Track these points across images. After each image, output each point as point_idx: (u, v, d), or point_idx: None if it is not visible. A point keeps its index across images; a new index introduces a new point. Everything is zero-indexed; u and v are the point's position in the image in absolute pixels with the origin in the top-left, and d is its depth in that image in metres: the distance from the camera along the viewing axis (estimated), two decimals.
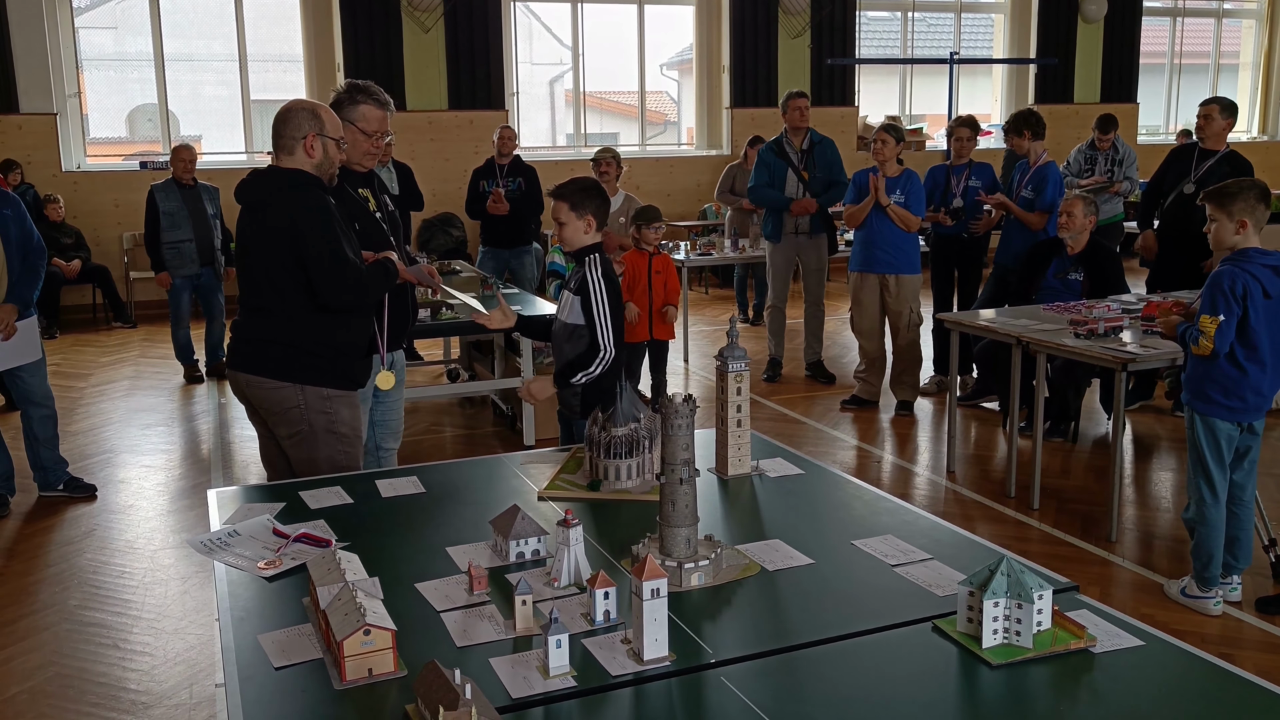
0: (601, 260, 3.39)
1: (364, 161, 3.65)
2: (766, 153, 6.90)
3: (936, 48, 13.92)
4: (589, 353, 3.32)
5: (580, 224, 3.38)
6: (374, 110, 3.59)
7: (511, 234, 7.53)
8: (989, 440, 5.83)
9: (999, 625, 1.85)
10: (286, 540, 2.34)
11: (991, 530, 4.50)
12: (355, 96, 3.58)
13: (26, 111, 9.94)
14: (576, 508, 2.56)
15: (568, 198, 3.39)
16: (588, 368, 3.32)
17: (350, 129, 3.49)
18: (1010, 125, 6.39)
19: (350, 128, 3.50)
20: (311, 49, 11.00)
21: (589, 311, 3.32)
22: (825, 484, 2.78)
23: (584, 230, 3.39)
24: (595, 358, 3.31)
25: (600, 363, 3.32)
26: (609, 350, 3.32)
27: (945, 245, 6.71)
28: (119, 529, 4.68)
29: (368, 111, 3.57)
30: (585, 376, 3.33)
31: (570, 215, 3.38)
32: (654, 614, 1.80)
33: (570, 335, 3.39)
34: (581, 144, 12.15)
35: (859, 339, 6.50)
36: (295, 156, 3.17)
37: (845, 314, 7.87)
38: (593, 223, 3.39)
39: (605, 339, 3.31)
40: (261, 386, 3.16)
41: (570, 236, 3.41)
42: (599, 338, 3.31)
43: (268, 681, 1.78)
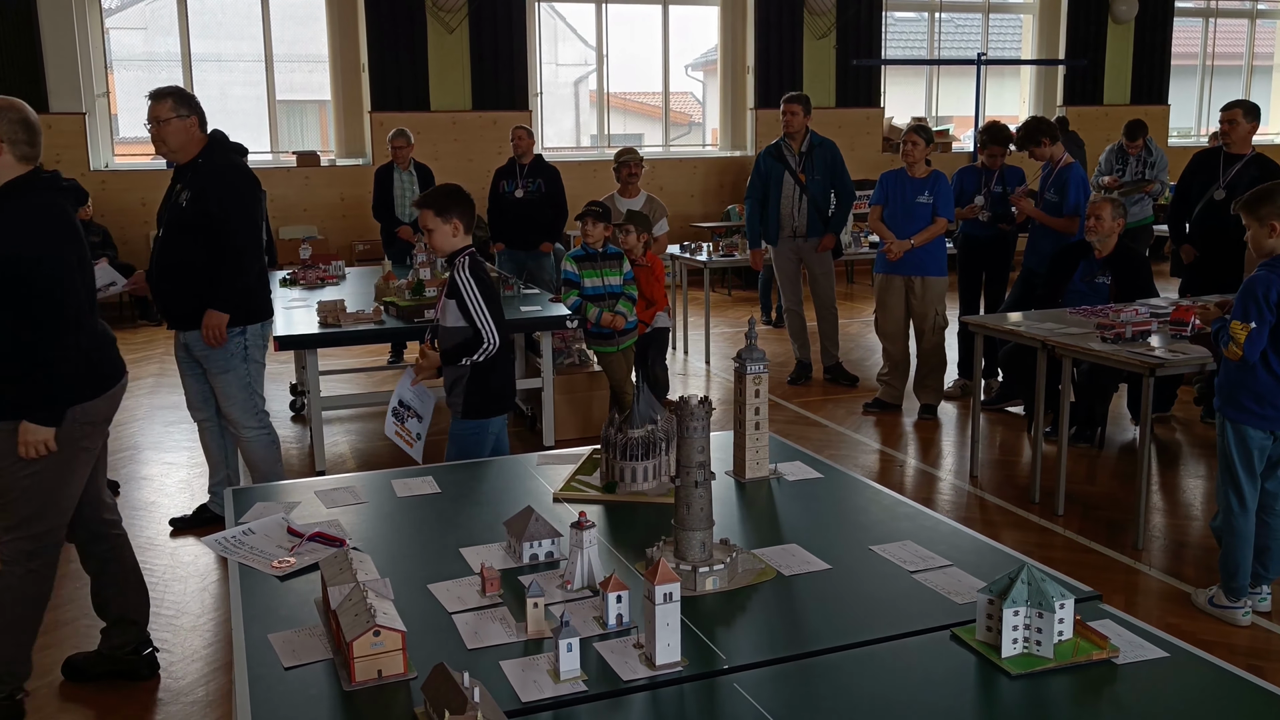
0: (470, 261, 3.51)
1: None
2: (764, 157, 6.88)
3: (964, 48, 13.82)
4: (474, 340, 3.48)
5: (447, 229, 3.51)
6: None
7: (530, 236, 7.53)
8: (1013, 445, 5.76)
9: (1019, 634, 1.82)
10: (300, 539, 2.34)
11: (1015, 537, 4.45)
12: None
13: (56, 111, 10.04)
14: (592, 509, 2.54)
15: (432, 204, 3.53)
16: (472, 352, 3.48)
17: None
18: (1023, 140, 6.19)
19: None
20: (337, 49, 11.05)
21: (466, 311, 3.47)
22: (844, 488, 2.75)
23: (451, 234, 3.53)
24: (480, 345, 3.47)
25: (485, 349, 3.47)
26: (494, 340, 3.48)
27: (973, 247, 6.65)
28: (140, 525, 4.70)
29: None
30: (470, 359, 3.49)
31: (436, 221, 3.50)
32: (666, 618, 1.77)
33: (453, 339, 3.53)
34: (605, 145, 12.15)
35: (883, 341, 6.45)
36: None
37: (869, 316, 7.81)
38: (459, 226, 3.53)
39: (489, 330, 3.47)
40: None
41: (440, 242, 3.54)
42: (482, 330, 3.46)
43: (277, 681, 1.77)
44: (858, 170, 8.68)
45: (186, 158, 4.17)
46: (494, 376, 3.60)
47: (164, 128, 4.07)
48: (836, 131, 10.17)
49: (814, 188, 6.78)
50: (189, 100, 4.14)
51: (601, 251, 5.51)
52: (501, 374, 3.68)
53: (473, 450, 3.62)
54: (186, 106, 4.11)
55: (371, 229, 9.69)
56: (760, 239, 6.99)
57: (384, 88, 10.81)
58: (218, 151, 4.22)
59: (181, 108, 4.09)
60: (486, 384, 3.59)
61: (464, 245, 3.54)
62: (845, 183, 6.89)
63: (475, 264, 3.53)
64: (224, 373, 4.28)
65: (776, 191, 6.82)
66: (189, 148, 4.15)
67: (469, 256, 3.52)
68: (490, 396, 3.63)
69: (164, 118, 4.06)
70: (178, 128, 4.08)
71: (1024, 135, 6.20)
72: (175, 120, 4.07)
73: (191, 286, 4.18)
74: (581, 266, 5.50)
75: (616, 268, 5.50)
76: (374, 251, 10.19)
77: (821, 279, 6.97)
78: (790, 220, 6.83)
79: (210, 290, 4.18)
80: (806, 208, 6.80)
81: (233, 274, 4.19)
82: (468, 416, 3.61)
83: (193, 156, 4.17)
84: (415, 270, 6.16)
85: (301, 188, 10.78)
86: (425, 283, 5.68)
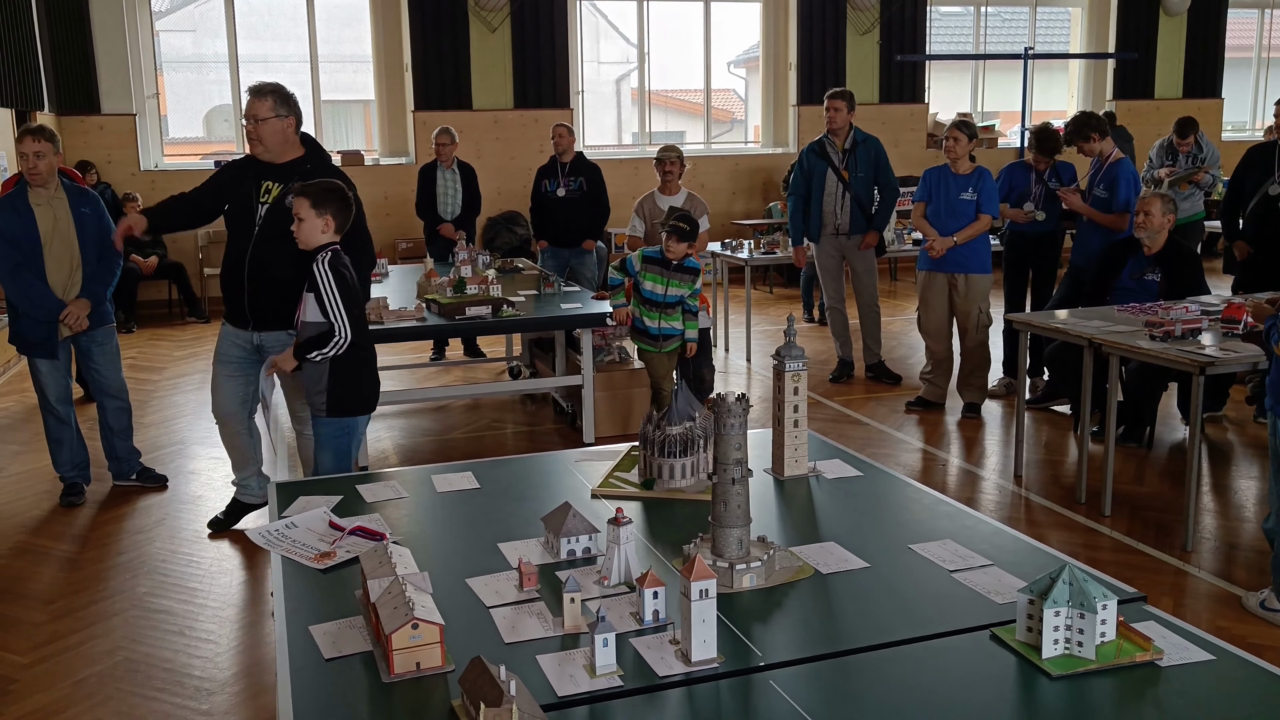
0: (332, 258, 3.48)
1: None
2: (807, 154, 6.85)
3: (1010, 43, 13.63)
4: (328, 333, 3.45)
5: (319, 222, 3.48)
6: None
7: (572, 233, 7.55)
8: (1059, 445, 5.68)
9: (1060, 635, 1.79)
10: (342, 533, 2.37)
11: (1060, 537, 4.39)
12: None
13: (108, 112, 10.24)
14: (630, 506, 2.55)
15: (310, 195, 3.49)
16: (323, 346, 3.45)
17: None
18: (1071, 136, 6.10)
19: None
20: (380, 49, 11.16)
21: (322, 305, 3.44)
22: (884, 486, 2.73)
23: (321, 229, 3.49)
24: (331, 339, 3.44)
25: (336, 344, 3.45)
26: (345, 334, 3.45)
27: (1021, 244, 6.56)
28: (188, 519, 4.79)
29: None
30: (320, 354, 3.46)
31: (310, 212, 3.47)
32: (702, 615, 1.77)
33: (313, 334, 3.50)
34: (646, 142, 12.15)
35: (925, 339, 6.39)
36: None
37: (912, 314, 7.74)
38: (331, 223, 3.49)
39: (341, 324, 3.44)
40: None
41: (306, 234, 3.50)
42: (334, 323, 3.44)
43: (318, 672, 1.80)
44: (901, 167, 8.60)
45: (281, 159, 4.09)
46: (360, 374, 3.57)
47: (262, 126, 4.00)
48: (880, 128, 10.09)
49: (857, 185, 6.74)
50: (289, 100, 4.06)
51: (677, 263, 5.20)
52: (369, 372, 3.64)
53: (345, 449, 3.60)
54: (286, 106, 4.03)
55: (414, 227, 9.77)
56: (803, 236, 6.96)
57: (427, 87, 10.89)
58: (323, 155, 4.22)
59: (281, 107, 4.01)
60: (351, 382, 3.55)
61: (330, 242, 3.50)
62: (889, 179, 6.84)
63: (336, 261, 3.49)
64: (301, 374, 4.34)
65: (819, 188, 6.79)
66: (284, 149, 4.09)
67: (331, 253, 3.49)
68: (356, 395, 3.59)
69: (263, 116, 3.99)
70: (276, 128, 4.01)
71: (1072, 130, 6.11)
72: (274, 120, 4.00)
73: (285, 291, 4.11)
74: (647, 267, 5.24)
75: (688, 282, 5.19)
76: (416, 249, 10.28)
77: (864, 276, 6.93)
78: (833, 217, 6.79)
79: None
80: (849, 205, 6.75)
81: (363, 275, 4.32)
82: (333, 415, 3.56)
83: (289, 158, 4.11)
84: (457, 268, 6.22)
85: None
86: (467, 280, 5.73)
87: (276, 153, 4.10)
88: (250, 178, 4.15)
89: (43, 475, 5.38)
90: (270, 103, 4.00)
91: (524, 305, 5.70)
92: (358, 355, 3.55)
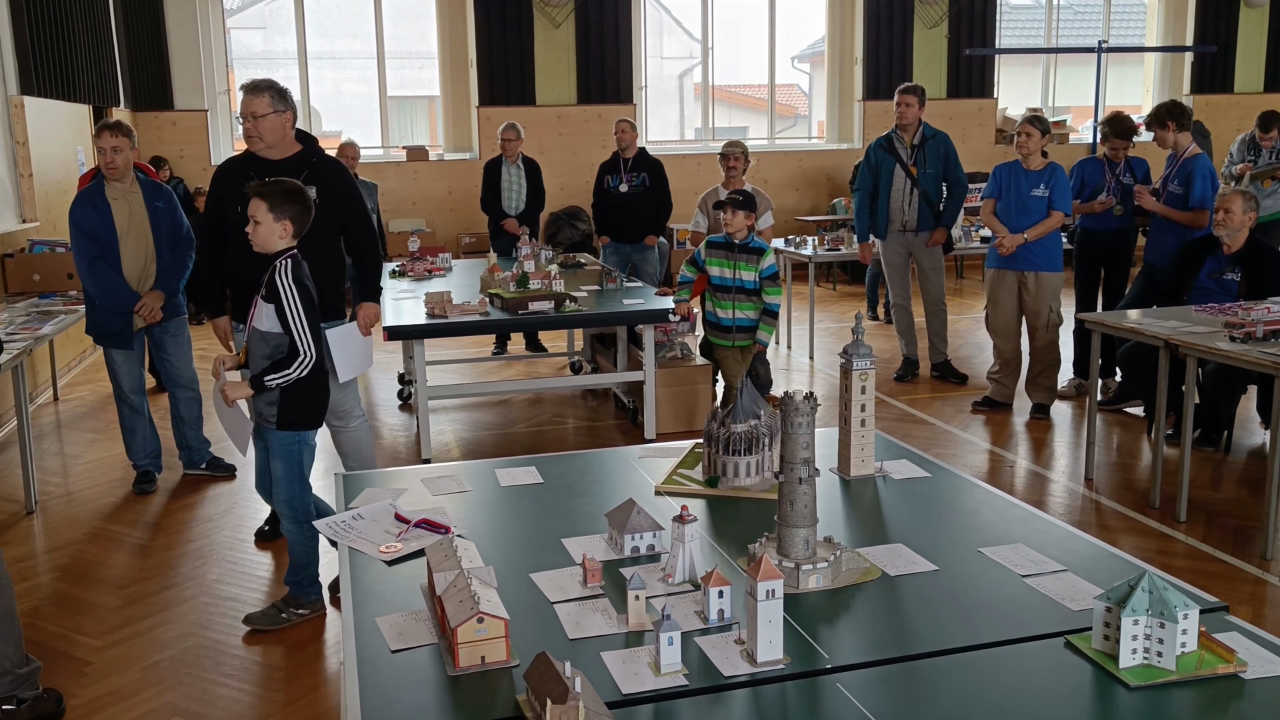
0: (293, 266, 3.37)
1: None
2: (874, 149, 6.75)
3: (1083, 36, 13.33)
4: (289, 355, 3.33)
5: (276, 226, 3.36)
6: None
7: (634, 229, 7.54)
8: (1132, 448, 5.54)
9: (1139, 644, 1.74)
10: (407, 525, 2.38)
11: (1133, 543, 4.28)
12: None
13: (181, 108, 10.48)
14: (693, 504, 2.53)
15: (268, 198, 3.36)
16: (286, 369, 3.33)
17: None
18: (1153, 117, 6.00)
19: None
20: (446, 45, 11.26)
21: (283, 318, 3.32)
22: (952, 488, 2.67)
23: (279, 234, 3.38)
24: (295, 360, 3.32)
25: (300, 365, 3.33)
26: (309, 354, 3.34)
27: (1093, 242, 6.41)
28: (256, 508, 4.87)
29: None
30: (282, 379, 3.34)
31: (267, 215, 3.35)
32: (769, 615, 1.75)
33: (268, 343, 3.37)
34: (709, 138, 12.10)
35: (994, 338, 6.27)
36: None
37: (979, 313, 7.61)
38: (289, 228, 3.38)
39: (304, 344, 3.33)
40: None
41: (263, 238, 3.38)
42: (298, 343, 3.32)
43: (385, 663, 1.81)
44: (969, 163, 8.45)
45: (281, 154, 4.13)
46: (315, 391, 3.49)
47: (261, 123, 4.02)
48: (948, 123, 9.94)
49: (925, 181, 6.64)
50: (285, 95, 4.09)
51: (740, 243, 5.15)
52: (322, 387, 3.55)
53: (297, 458, 3.53)
54: (283, 102, 4.06)
55: (478, 222, 9.85)
56: (869, 233, 6.87)
57: (491, 83, 10.97)
58: (320, 149, 4.25)
59: (279, 103, 4.04)
60: (304, 398, 3.46)
61: (288, 247, 3.40)
62: (959, 176, 6.73)
63: (298, 269, 3.38)
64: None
65: (886, 184, 6.70)
66: (284, 144, 4.12)
67: (291, 259, 3.38)
68: (307, 411, 3.51)
69: (261, 113, 4.01)
70: (274, 123, 4.04)
71: (1152, 115, 5.98)
72: (273, 115, 4.03)
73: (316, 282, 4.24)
74: (711, 253, 5.21)
75: (753, 263, 5.12)
76: (480, 244, 10.37)
77: (931, 274, 6.83)
78: (900, 214, 6.70)
79: (365, 282, 4.34)
80: (917, 201, 6.66)
81: (379, 264, 4.37)
82: (283, 428, 3.48)
83: (289, 153, 4.14)
84: (520, 263, 6.25)
85: (410, 182, 11.02)
86: (530, 275, 5.75)
87: (277, 148, 4.13)
88: (253, 177, 4.13)
89: (116, 463, 5.52)
90: (268, 99, 4.02)
91: (586, 301, 5.71)
92: (316, 370, 3.44)
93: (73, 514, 4.89)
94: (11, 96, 7.21)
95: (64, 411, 6.72)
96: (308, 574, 3.73)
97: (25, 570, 4.25)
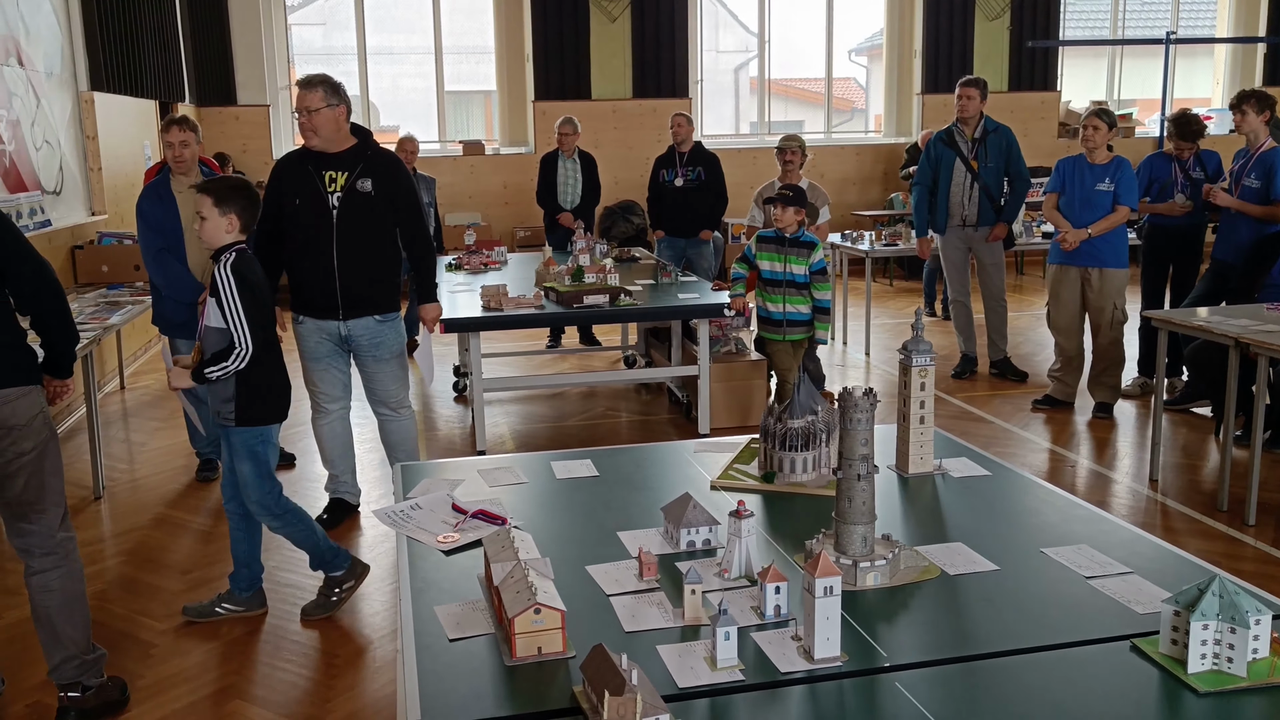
0: (237, 259, 3.35)
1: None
2: (934, 143, 6.66)
3: (1151, 27, 13.03)
4: (227, 348, 3.32)
5: (223, 221, 3.36)
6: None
7: (689, 223, 7.52)
8: (1199, 449, 5.41)
9: (1208, 650, 1.69)
10: (464, 516, 2.40)
11: (1199, 546, 4.18)
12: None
13: (244, 104, 10.66)
14: (750, 499, 2.51)
15: (213, 193, 3.36)
16: (224, 362, 3.33)
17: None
18: (1236, 99, 5.81)
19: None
20: (503, 40, 11.32)
21: (223, 311, 3.31)
22: (1013, 487, 2.63)
23: (225, 229, 3.37)
24: (232, 353, 3.31)
25: (236, 358, 3.32)
26: (246, 346, 3.32)
27: (1161, 238, 6.26)
28: (315, 497, 4.95)
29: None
30: (220, 371, 3.33)
31: (213, 211, 3.35)
32: (826, 612, 1.73)
33: (219, 339, 3.37)
34: (765, 132, 12.04)
35: (1055, 336, 6.16)
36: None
37: (1040, 309, 7.48)
38: (235, 222, 3.37)
39: (240, 336, 3.31)
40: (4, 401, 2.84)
41: (210, 233, 3.37)
42: (234, 335, 3.31)
43: (443, 651, 1.82)
44: (1031, 157, 8.31)
45: (336, 147, 4.18)
46: (268, 384, 3.47)
47: (315, 117, 4.08)
48: (1009, 116, 9.76)
49: (987, 175, 6.54)
50: (338, 89, 4.15)
51: (791, 237, 5.12)
52: (278, 381, 3.52)
53: (263, 456, 3.51)
54: (336, 95, 4.12)
55: (533, 216, 9.91)
56: (928, 228, 6.79)
57: (547, 77, 11.02)
58: (375, 142, 4.30)
59: (332, 97, 4.09)
60: (258, 392, 3.44)
61: (234, 242, 3.39)
62: (1021, 170, 6.62)
63: (241, 261, 3.37)
64: (393, 359, 4.43)
65: (946, 179, 6.61)
66: (338, 138, 4.18)
67: (235, 253, 3.37)
68: (263, 405, 3.48)
69: (315, 107, 4.07)
70: (328, 117, 4.10)
71: (1236, 98, 5.79)
72: (326, 110, 4.08)
73: (373, 273, 4.28)
74: (762, 247, 5.18)
75: (804, 256, 5.07)
76: (535, 238, 10.42)
77: (991, 270, 6.72)
78: (960, 209, 6.61)
79: (424, 280, 4.42)
80: (978, 196, 6.56)
81: (433, 261, 4.42)
82: (243, 424, 3.46)
83: (344, 146, 4.20)
84: (575, 256, 6.26)
85: (467, 176, 11.11)
86: (585, 269, 5.76)
87: (332, 142, 4.17)
88: (311, 170, 4.22)
89: (180, 451, 5.64)
90: (321, 93, 4.08)
91: (641, 295, 5.71)
92: (265, 364, 3.43)
93: (138, 500, 5.01)
94: (82, 92, 7.39)
95: (130, 400, 6.88)
96: (326, 552, 3.74)
97: (93, 554, 4.36)
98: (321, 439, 4.61)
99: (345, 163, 4.21)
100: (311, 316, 4.37)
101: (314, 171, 4.21)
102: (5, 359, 2.85)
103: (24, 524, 2.95)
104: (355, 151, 4.22)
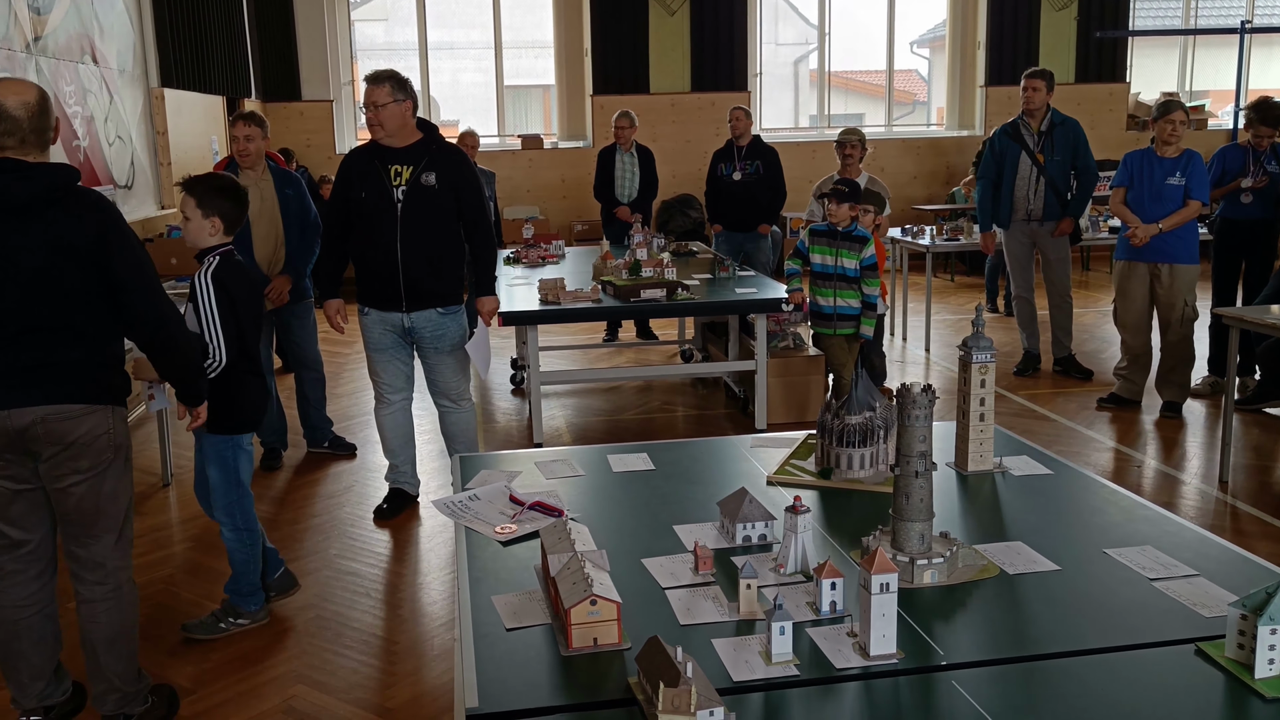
0: (221, 264, 3.27)
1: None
2: (999, 136, 6.55)
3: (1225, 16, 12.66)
4: (201, 355, 3.22)
5: (206, 224, 3.28)
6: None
7: (747, 217, 7.49)
8: (1271, 450, 5.26)
9: (1276, 654, 1.66)
10: (521, 507, 2.43)
11: (1271, 549, 4.07)
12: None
13: (308, 99, 10.84)
14: (806, 495, 2.51)
15: (196, 194, 3.27)
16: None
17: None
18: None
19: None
20: (561, 34, 11.37)
21: (199, 318, 3.24)
22: (1076, 486, 2.59)
23: (209, 231, 3.29)
24: (205, 361, 3.23)
25: (210, 367, 3.23)
26: (220, 356, 3.24)
27: (1234, 233, 6.10)
28: (375, 486, 5.03)
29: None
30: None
31: (196, 212, 3.27)
32: (883, 609, 1.72)
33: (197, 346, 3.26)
34: (825, 125, 11.94)
35: (1122, 333, 6.03)
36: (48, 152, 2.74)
37: (1106, 306, 7.33)
38: (219, 225, 3.29)
39: (215, 344, 3.24)
40: (66, 416, 2.72)
41: (193, 235, 3.29)
42: (209, 343, 3.23)
43: (499, 640, 1.84)
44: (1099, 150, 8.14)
45: (402, 142, 4.25)
46: (240, 394, 3.38)
47: (382, 112, 4.15)
48: (1076, 109, 9.58)
49: (1053, 169, 6.42)
50: (405, 84, 4.20)
51: (844, 231, 5.09)
52: (250, 391, 3.44)
53: (232, 464, 3.45)
54: (403, 91, 4.18)
55: (590, 210, 9.94)
56: (991, 222, 6.69)
57: (605, 71, 11.04)
58: (440, 137, 4.35)
59: (398, 92, 4.15)
60: (229, 402, 3.34)
61: (217, 245, 3.31)
62: (1089, 163, 6.49)
63: (224, 267, 3.28)
64: (453, 351, 4.49)
65: (1011, 172, 6.51)
66: (405, 132, 4.24)
67: (219, 258, 3.29)
68: (234, 416, 3.40)
69: (382, 102, 4.14)
70: (395, 112, 4.17)
71: None
72: (393, 105, 4.15)
73: (436, 266, 4.33)
74: (814, 240, 5.17)
75: (855, 251, 5.05)
76: (593, 231, 10.46)
77: (1057, 265, 6.61)
78: (1025, 203, 6.50)
79: (483, 273, 4.48)
80: (1044, 189, 6.45)
81: (493, 254, 4.48)
82: (214, 431, 3.37)
83: (410, 141, 4.27)
84: (632, 250, 6.27)
85: (525, 170, 11.18)
86: (642, 263, 5.77)
87: (398, 136, 4.23)
88: (377, 164, 4.28)
89: None
90: (388, 88, 4.13)
91: (698, 289, 5.70)
92: (237, 373, 3.35)
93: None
94: (153, 89, 7.58)
95: None
96: (248, 582, 3.63)
97: (161, 539, 4.47)
98: (383, 429, 4.67)
99: (410, 157, 4.27)
100: (376, 308, 4.43)
101: (380, 165, 4.28)
102: (76, 375, 2.74)
103: (74, 547, 2.87)
104: (420, 146, 4.28)
